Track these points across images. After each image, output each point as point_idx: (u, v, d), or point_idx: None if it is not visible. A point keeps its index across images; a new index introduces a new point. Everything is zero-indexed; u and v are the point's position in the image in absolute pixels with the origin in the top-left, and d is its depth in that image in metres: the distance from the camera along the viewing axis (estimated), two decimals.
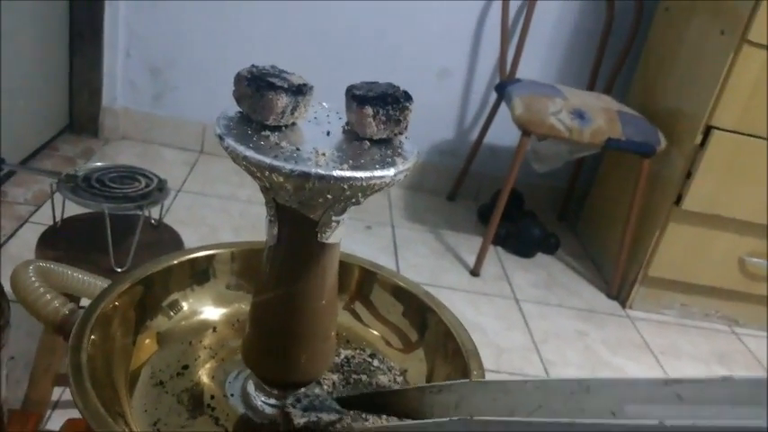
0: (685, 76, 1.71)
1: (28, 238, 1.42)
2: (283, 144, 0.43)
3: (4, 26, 1.51)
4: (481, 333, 1.54)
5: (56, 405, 1.09)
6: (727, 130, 1.57)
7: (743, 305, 1.81)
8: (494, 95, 2.04)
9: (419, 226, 1.99)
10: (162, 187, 1.16)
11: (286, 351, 0.49)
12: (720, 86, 1.54)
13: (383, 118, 0.45)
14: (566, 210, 2.23)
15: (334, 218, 0.44)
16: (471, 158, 2.11)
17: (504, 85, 1.82)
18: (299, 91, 0.44)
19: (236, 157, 0.41)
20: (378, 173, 0.41)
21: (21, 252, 1.40)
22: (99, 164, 1.18)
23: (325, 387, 0.54)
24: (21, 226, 1.51)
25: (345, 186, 0.40)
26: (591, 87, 2.04)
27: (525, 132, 1.65)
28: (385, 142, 0.46)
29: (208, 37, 1.99)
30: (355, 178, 0.40)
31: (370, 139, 0.45)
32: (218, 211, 1.80)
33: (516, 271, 1.86)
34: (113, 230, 1.07)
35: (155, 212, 1.21)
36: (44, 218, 1.51)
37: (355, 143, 0.45)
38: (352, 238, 1.83)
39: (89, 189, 1.09)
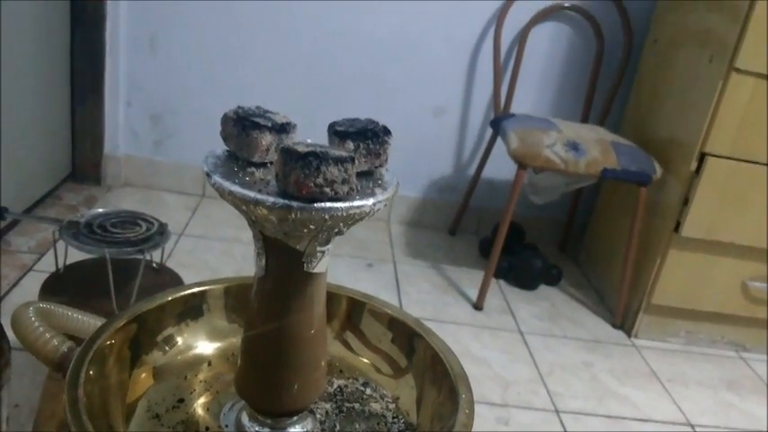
0: (677, 105, 1.74)
1: (31, 287, 1.44)
2: (268, 179, 0.45)
3: (5, 78, 1.56)
4: (486, 367, 1.54)
5: None
6: (722, 156, 1.59)
7: (749, 330, 1.80)
8: (489, 131, 2.07)
9: (421, 262, 2.00)
10: (163, 231, 1.18)
11: (278, 381, 0.50)
12: (712, 113, 1.57)
13: (364, 152, 0.47)
14: (567, 241, 2.24)
15: (318, 248, 0.46)
16: (470, 193, 2.13)
17: (498, 121, 1.85)
18: (283, 129, 0.46)
19: (223, 193, 0.43)
20: (357, 203, 0.43)
21: (24, 300, 1.42)
22: (100, 210, 1.21)
23: (318, 416, 0.55)
24: (24, 275, 1.52)
25: (327, 217, 0.42)
26: (584, 120, 2.07)
27: (521, 165, 1.67)
28: (366, 174, 0.48)
29: (206, 84, 2.04)
30: (335, 208, 0.42)
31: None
32: (220, 254, 1.81)
33: (519, 303, 1.86)
34: (116, 275, 1.09)
35: (156, 256, 1.22)
36: (48, 266, 1.53)
37: None
38: (355, 276, 1.84)
39: (91, 235, 1.11)
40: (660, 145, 1.77)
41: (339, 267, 1.86)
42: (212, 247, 1.84)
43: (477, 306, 1.79)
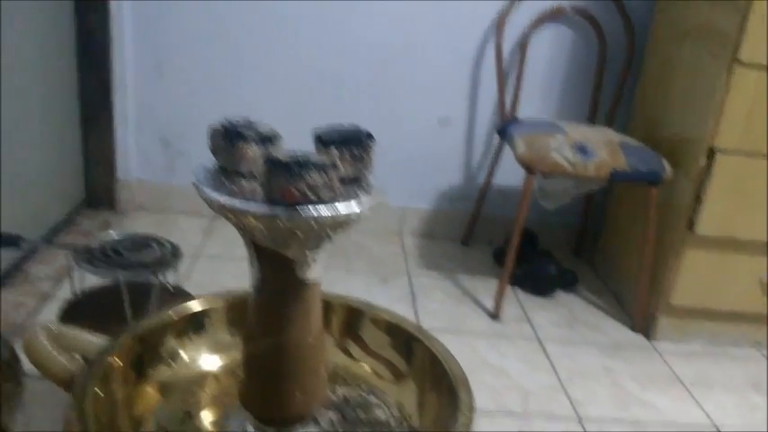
0: (683, 102, 1.73)
1: (51, 315, 1.45)
2: (256, 189, 0.46)
3: (17, 109, 1.59)
4: (505, 376, 1.52)
5: None
6: (731, 151, 1.57)
7: None
8: (497, 138, 2.08)
9: (435, 273, 2.00)
10: (176, 252, 1.20)
11: (278, 390, 0.50)
12: (718, 109, 1.55)
13: (348, 157, 0.48)
14: (581, 245, 2.23)
15: (309, 254, 0.47)
16: (481, 202, 2.13)
17: (504, 127, 1.85)
18: (268, 139, 0.47)
19: (212, 204, 0.44)
20: (341, 207, 0.43)
21: None
22: (114, 234, 1.23)
23: (323, 424, 0.55)
24: (44, 302, 1.55)
25: (313, 223, 0.43)
26: (591, 121, 2.07)
27: (529, 171, 1.67)
28: (353, 180, 0.49)
29: (215, 104, 2.06)
30: (320, 213, 0.42)
31: (340, 179, 0.48)
32: (237, 275, 1.82)
33: (536, 311, 1.85)
34: (133, 299, 1.10)
35: (171, 279, 1.24)
36: (67, 293, 1.55)
37: None
38: (370, 291, 1.83)
39: (105, 259, 1.13)
40: (669, 143, 1.76)
41: (354, 284, 1.86)
42: (229, 268, 1.86)
43: (494, 315, 1.78)
